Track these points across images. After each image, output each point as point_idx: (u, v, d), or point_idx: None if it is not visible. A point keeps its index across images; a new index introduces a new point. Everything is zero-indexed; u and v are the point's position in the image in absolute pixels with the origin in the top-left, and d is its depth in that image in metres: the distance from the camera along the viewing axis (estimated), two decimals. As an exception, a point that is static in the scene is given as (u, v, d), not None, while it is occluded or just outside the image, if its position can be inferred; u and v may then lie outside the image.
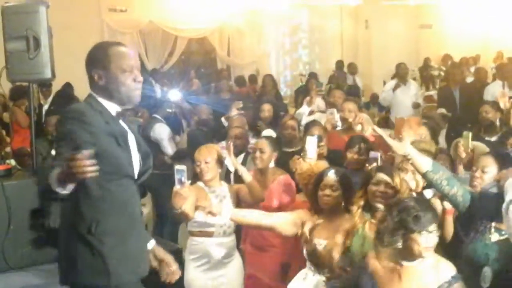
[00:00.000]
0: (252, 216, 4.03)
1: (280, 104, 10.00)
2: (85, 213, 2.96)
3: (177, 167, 4.36)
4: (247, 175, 4.69)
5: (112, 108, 3.06)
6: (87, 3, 12.35)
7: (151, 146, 7.35)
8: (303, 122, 7.10)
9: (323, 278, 3.92)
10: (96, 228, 2.96)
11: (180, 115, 9.13)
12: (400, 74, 10.11)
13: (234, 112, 7.27)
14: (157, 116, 7.80)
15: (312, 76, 11.43)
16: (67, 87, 10.25)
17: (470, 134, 4.66)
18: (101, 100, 3.05)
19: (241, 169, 4.73)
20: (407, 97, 9.82)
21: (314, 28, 15.14)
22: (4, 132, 8.69)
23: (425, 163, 3.54)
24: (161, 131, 7.57)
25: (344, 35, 15.89)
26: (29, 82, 4.93)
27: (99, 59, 3.04)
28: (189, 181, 4.31)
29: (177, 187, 4.17)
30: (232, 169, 4.92)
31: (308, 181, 4.39)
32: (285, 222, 4.01)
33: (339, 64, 14.20)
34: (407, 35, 15.66)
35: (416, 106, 9.75)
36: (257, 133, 6.86)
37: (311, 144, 4.73)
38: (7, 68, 4.61)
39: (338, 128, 6.25)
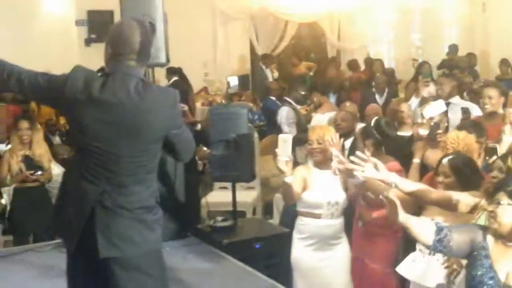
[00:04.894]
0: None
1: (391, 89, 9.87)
2: (155, 187, 3.15)
3: (281, 135, 4.45)
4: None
5: None
6: (201, -12, 12.60)
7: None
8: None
9: (435, 259, 3.87)
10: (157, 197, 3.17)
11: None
12: None
13: None
14: (287, 99, 7.93)
15: (423, 64, 11.14)
16: (180, 72, 10.58)
17: None
18: None
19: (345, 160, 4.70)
20: None
21: (427, 11, 14.70)
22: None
23: None
24: (283, 115, 7.69)
25: (459, 18, 15.34)
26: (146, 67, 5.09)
27: None
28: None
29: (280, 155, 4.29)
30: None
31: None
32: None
33: (452, 48, 13.73)
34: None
35: None
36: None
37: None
38: (124, 52, 4.77)
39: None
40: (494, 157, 4.25)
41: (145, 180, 3.06)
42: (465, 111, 6.62)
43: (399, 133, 5.76)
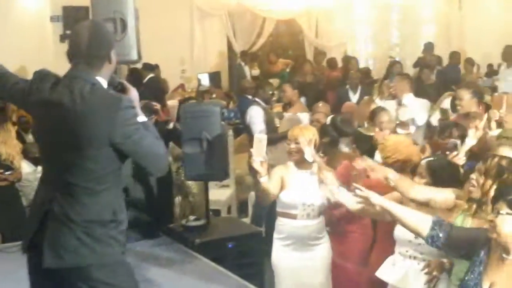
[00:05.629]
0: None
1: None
2: (112, 201, 2.99)
3: (257, 135, 4.42)
4: (324, 167, 4.64)
5: None
6: (178, -15, 12.51)
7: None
8: None
9: (416, 263, 3.87)
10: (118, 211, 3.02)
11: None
12: (506, 56, 9.75)
13: None
14: (257, 100, 7.86)
15: (394, 63, 11.18)
16: (156, 68, 10.51)
17: None
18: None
19: (318, 160, 4.68)
20: None
21: (405, 9, 14.74)
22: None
23: None
24: (253, 114, 7.61)
25: (436, 16, 15.40)
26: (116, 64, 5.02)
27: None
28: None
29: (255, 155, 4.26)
30: (310, 160, 4.76)
31: (390, 156, 4.33)
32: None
33: (428, 46, 13.72)
34: (504, 18, 14.97)
35: None
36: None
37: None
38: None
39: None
40: (455, 153, 4.38)
41: (96, 192, 2.93)
42: (444, 112, 6.69)
43: (367, 132, 5.77)
